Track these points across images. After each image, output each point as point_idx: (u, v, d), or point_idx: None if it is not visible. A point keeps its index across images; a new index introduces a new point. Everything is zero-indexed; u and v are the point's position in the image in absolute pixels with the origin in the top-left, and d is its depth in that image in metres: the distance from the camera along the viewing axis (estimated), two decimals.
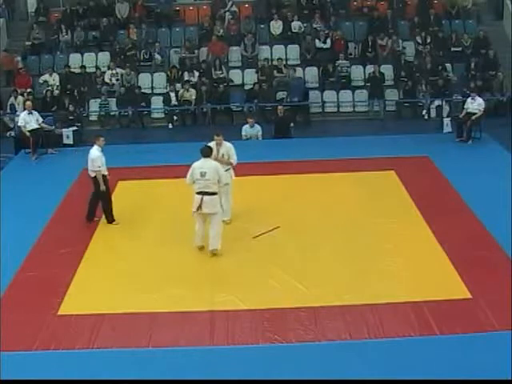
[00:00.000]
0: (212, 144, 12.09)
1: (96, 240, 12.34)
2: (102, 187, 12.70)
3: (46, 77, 22.03)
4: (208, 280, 10.81)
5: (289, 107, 20.40)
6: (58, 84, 21.76)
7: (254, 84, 21.62)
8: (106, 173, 12.84)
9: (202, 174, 11.21)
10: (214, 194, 11.28)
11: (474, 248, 11.51)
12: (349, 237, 12.08)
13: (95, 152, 12.73)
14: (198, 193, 11.26)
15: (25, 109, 18.03)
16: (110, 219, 12.93)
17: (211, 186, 11.22)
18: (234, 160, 12.32)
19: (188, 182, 11.47)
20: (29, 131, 17.30)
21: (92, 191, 12.88)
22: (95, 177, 12.73)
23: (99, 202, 12.93)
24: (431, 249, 11.59)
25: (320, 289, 10.34)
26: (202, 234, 11.61)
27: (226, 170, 12.13)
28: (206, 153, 11.47)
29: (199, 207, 11.28)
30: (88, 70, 22.49)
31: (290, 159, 16.24)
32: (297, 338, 9.17)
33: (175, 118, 21.26)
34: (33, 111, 17.63)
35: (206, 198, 11.21)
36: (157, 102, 21.67)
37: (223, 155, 12.22)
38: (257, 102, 21.05)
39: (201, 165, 11.31)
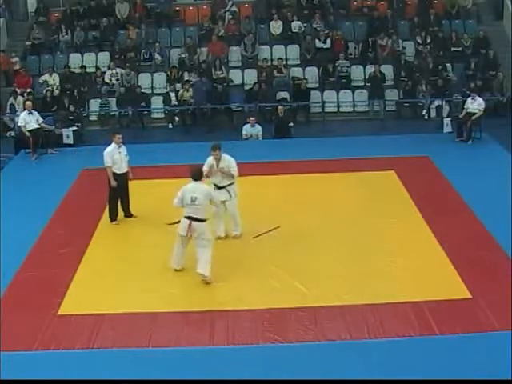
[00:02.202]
0: (210, 159, 11.79)
1: (96, 240, 12.34)
2: (113, 183, 12.71)
3: (45, 77, 22.00)
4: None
5: (288, 107, 20.41)
6: (57, 84, 21.73)
7: (254, 84, 21.62)
8: (122, 171, 12.79)
9: (193, 200, 10.46)
10: (202, 220, 10.59)
11: (474, 248, 11.52)
12: (349, 237, 12.08)
13: (107, 149, 12.79)
14: (187, 217, 10.59)
15: (25, 109, 18.03)
16: (112, 218, 12.95)
17: (201, 212, 10.57)
18: (234, 172, 11.87)
19: (176, 205, 10.73)
20: (29, 131, 17.30)
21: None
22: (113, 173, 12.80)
23: (117, 199, 12.95)
24: (431, 249, 11.59)
25: (320, 289, 10.34)
26: (182, 256, 10.98)
27: (229, 185, 11.86)
28: (197, 176, 10.72)
29: (188, 232, 10.58)
30: (88, 70, 22.46)
31: (290, 159, 16.24)
32: (297, 338, 9.17)
33: (177, 118, 21.22)
34: (33, 111, 17.64)
35: (194, 223, 10.54)
36: (157, 102, 21.64)
37: (223, 168, 11.81)
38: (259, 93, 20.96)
39: (192, 189, 10.57)
